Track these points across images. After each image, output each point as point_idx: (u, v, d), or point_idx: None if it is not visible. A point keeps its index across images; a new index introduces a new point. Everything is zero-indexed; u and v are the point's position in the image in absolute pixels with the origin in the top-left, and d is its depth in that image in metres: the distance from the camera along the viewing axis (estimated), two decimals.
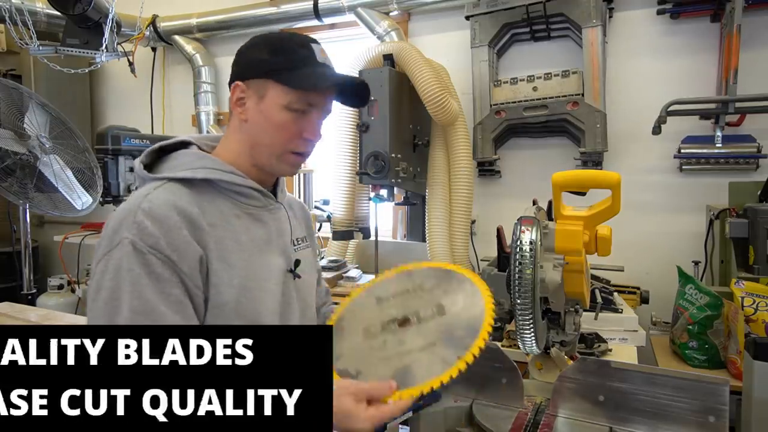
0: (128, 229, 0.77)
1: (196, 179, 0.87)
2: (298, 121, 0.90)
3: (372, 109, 2.23)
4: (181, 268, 0.79)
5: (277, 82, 0.88)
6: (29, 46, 2.64)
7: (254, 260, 0.89)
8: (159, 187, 0.84)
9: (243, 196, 0.92)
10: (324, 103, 0.93)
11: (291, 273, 0.96)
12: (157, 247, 0.77)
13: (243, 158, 0.93)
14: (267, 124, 0.90)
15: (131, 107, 3.64)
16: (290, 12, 2.91)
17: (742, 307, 1.65)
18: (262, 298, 0.88)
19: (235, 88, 0.92)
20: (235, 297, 0.84)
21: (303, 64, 0.89)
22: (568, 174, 1.01)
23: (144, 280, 0.76)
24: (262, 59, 0.90)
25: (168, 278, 0.77)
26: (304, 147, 0.93)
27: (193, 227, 0.81)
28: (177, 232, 0.79)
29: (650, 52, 2.35)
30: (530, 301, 0.94)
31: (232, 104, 0.93)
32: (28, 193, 2.49)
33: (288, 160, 0.93)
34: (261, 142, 0.92)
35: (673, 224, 2.33)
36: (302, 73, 0.88)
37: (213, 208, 0.87)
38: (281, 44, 0.91)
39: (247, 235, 0.90)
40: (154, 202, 0.80)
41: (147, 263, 0.76)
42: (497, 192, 2.67)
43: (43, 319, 2.02)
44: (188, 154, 0.92)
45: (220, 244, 0.84)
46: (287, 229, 0.99)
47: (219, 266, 0.83)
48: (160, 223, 0.78)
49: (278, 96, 0.89)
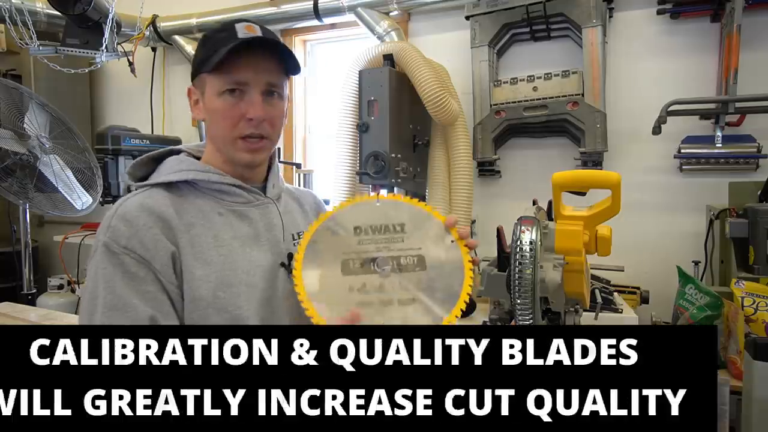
0: (104, 234, 0.84)
1: (174, 182, 0.91)
2: (237, 104, 0.89)
3: (372, 109, 2.23)
4: (155, 265, 0.83)
5: (207, 73, 0.90)
6: (29, 46, 2.64)
7: (235, 256, 0.90)
8: (138, 193, 0.90)
9: (225, 193, 0.94)
10: (253, 77, 0.89)
11: (283, 267, 0.96)
12: (130, 246, 0.82)
13: (217, 156, 0.96)
14: (212, 116, 0.92)
15: (131, 107, 3.64)
16: (290, 12, 2.91)
17: (742, 307, 1.65)
18: (243, 293, 0.89)
19: (189, 92, 0.96)
20: (212, 292, 0.86)
21: (222, 46, 0.87)
22: (568, 174, 1.00)
23: (116, 277, 0.81)
24: (196, 57, 0.94)
25: (143, 276, 0.82)
26: (251, 128, 0.90)
27: (165, 226, 0.85)
28: (146, 231, 0.83)
29: (650, 52, 2.35)
30: (530, 301, 0.94)
31: (191, 108, 0.96)
32: (28, 193, 2.49)
33: (241, 146, 0.92)
34: (216, 135, 0.94)
35: (673, 224, 2.33)
36: (219, 54, 0.87)
37: (193, 208, 0.90)
38: (207, 36, 0.93)
39: (229, 232, 0.91)
40: (128, 207, 0.86)
41: (121, 263, 0.81)
42: (497, 192, 2.67)
43: (43, 319, 2.02)
44: (171, 160, 0.96)
45: (197, 242, 0.87)
46: (278, 224, 0.98)
47: (193, 263, 0.86)
48: (130, 224, 0.83)
49: (211, 85, 0.90)
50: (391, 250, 0.85)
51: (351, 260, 0.85)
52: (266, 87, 0.91)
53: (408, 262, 0.85)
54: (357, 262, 0.85)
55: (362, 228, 0.88)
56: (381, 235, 0.87)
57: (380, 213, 0.89)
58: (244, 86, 0.89)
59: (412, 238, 0.87)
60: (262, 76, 0.90)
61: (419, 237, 0.87)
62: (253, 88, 0.90)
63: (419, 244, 0.86)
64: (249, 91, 0.90)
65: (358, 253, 0.86)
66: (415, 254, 0.85)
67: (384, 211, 0.89)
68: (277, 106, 0.94)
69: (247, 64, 0.89)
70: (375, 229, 0.88)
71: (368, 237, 0.87)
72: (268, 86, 0.91)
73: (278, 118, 0.95)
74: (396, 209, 0.90)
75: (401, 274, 0.84)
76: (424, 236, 0.87)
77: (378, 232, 0.87)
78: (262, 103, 0.90)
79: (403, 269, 0.84)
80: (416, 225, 0.88)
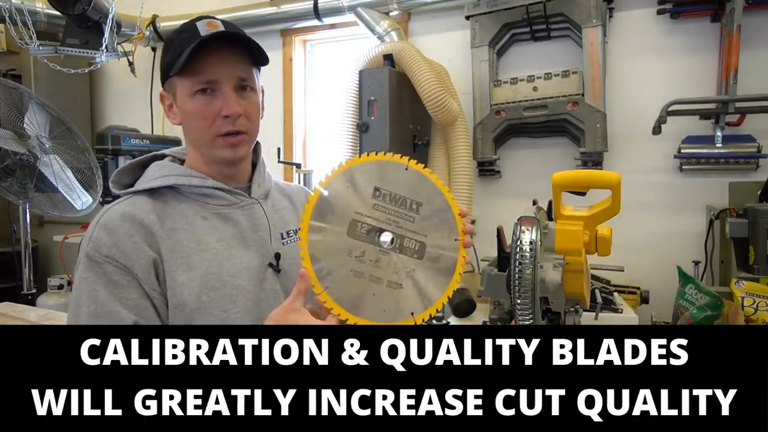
0: (86, 244, 0.85)
1: (156, 188, 0.91)
2: (211, 102, 0.88)
3: (372, 109, 2.23)
4: (136, 273, 0.83)
5: (176, 75, 0.88)
6: (29, 46, 2.64)
7: (220, 259, 0.89)
8: (121, 201, 0.90)
9: (208, 197, 0.93)
10: (223, 73, 0.88)
11: (271, 267, 0.95)
12: (111, 255, 0.83)
13: (198, 159, 0.95)
14: (187, 118, 0.91)
15: (131, 107, 3.64)
16: (290, 12, 2.91)
17: (742, 307, 1.65)
18: (230, 296, 0.88)
19: (161, 98, 0.96)
20: (195, 296, 0.85)
21: (186, 46, 0.86)
22: (568, 174, 1.00)
23: (99, 286, 0.81)
24: (162, 61, 0.92)
25: (125, 284, 0.82)
26: (228, 126, 0.89)
27: (147, 233, 0.85)
28: (126, 239, 0.84)
29: (650, 52, 2.35)
30: (530, 301, 0.94)
31: (165, 113, 0.96)
32: (28, 193, 2.49)
33: (220, 144, 0.91)
34: (193, 137, 0.93)
35: (673, 224, 2.33)
36: (183, 55, 0.85)
37: (176, 213, 0.90)
38: (170, 38, 0.92)
39: (213, 236, 0.90)
40: (109, 216, 0.86)
41: (104, 272, 0.82)
42: (497, 192, 2.67)
43: (43, 319, 2.02)
44: (154, 166, 0.96)
45: (179, 247, 0.87)
46: (264, 224, 0.97)
47: (176, 269, 0.85)
48: (112, 233, 0.84)
49: (182, 88, 0.90)
50: (399, 227, 0.83)
51: (360, 223, 0.82)
52: (237, 82, 0.90)
53: (409, 246, 0.83)
54: (364, 228, 0.82)
55: (382, 192, 0.83)
56: (396, 207, 0.83)
57: (404, 182, 0.84)
58: (214, 84, 0.88)
59: (423, 223, 0.84)
60: (231, 71, 0.89)
61: (430, 225, 0.84)
62: (224, 84, 0.88)
63: (427, 231, 0.84)
64: (220, 88, 0.88)
65: (370, 218, 0.82)
66: (419, 240, 0.83)
67: (408, 181, 0.84)
68: (251, 99, 0.92)
69: (214, 62, 0.87)
70: (393, 198, 0.83)
71: (384, 204, 0.83)
72: (239, 81, 0.90)
73: (254, 113, 0.93)
74: (420, 184, 0.85)
75: (399, 256, 0.82)
76: (435, 226, 0.84)
77: (395, 202, 0.83)
78: (235, 98, 0.89)
79: (402, 251, 0.82)
80: (432, 211, 0.84)
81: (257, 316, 0.90)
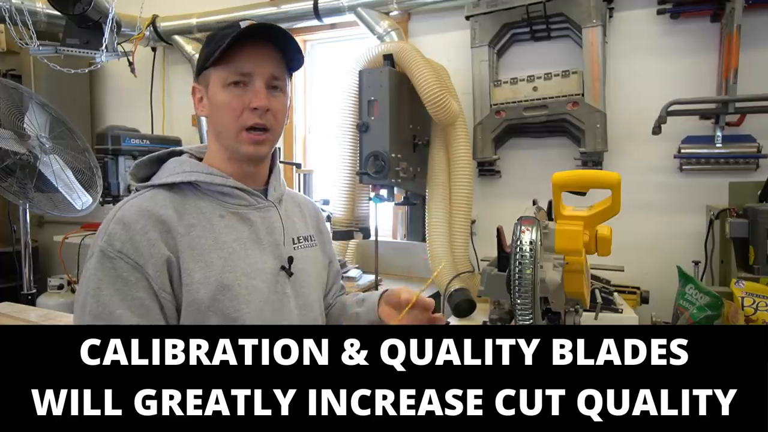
0: (101, 238, 0.84)
1: (177, 183, 0.91)
2: (241, 95, 0.90)
3: (372, 109, 2.23)
4: (147, 270, 0.82)
5: (212, 67, 0.91)
6: (29, 46, 2.64)
7: (236, 259, 0.90)
8: (139, 195, 0.89)
9: (227, 195, 0.94)
10: (257, 67, 0.91)
11: (284, 270, 0.96)
12: (124, 251, 0.82)
13: (219, 155, 0.96)
14: (216, 108, 0.92)
15: (131, 107, 3.64)
16: (290, 12, 2.91)
17: (742, 307, 1.65)
18: (244, 296, 0.89)
19: (193, 90, 0.97)
20: (211, 295, 0.86)
21: (227, 38, 0.88)
22: (568, 174, 1.00)
23: (105, 283, 0.80)
24: (201, 55, 0.95)
25: (134, 282, 0.81)
26: (255, 119, 0.91)
27: (164, 229, 0.85)
28: (141, 236, 0.83)
29: (650, 52, 2.35)
30: (530, 301, 0.94)
31: (195, 106, 0.97)
32: (28, 193, 2.48)
33: (245, 138, 0.92)
34: (219, 129, 0.94)
35: (673, 224, 2.33)
36: (224, 43, 0.88)
37: (195, 210, 0.90)
38: (212, 34, 0.94)
39: (230, 235, 0.91)
40: (127, 210, 0.85)
41: (114, 267, 0.81)
42: (497, 192, 2.67)
43: (43, 319, 2.02)
44: (174, 161, 0.96)
45: (196, 244, 0.87)
46: (279, 228, 0.99)
47: (192, 266, 0.85)
48: (127, 228, 0.83)
49: (216, 79, 0.91)
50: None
51: None
52: (270, 79, 0.92)
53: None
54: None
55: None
56: None
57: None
58: (247, 77, 0.90)
59: None
60: (265, 67, 0.91)
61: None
62: (257, 78, 0.91)
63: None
64: (252, 82, 0.91)
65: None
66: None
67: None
68: (280, 99, 0.94)
69: (252, 55, 0.90)
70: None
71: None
72: (272, 78, 0.92)
73: (281, 112, 0.95)
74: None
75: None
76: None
77: None
78: (266, 93, 0.91)
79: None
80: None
81: (268, 317, 0.91)
